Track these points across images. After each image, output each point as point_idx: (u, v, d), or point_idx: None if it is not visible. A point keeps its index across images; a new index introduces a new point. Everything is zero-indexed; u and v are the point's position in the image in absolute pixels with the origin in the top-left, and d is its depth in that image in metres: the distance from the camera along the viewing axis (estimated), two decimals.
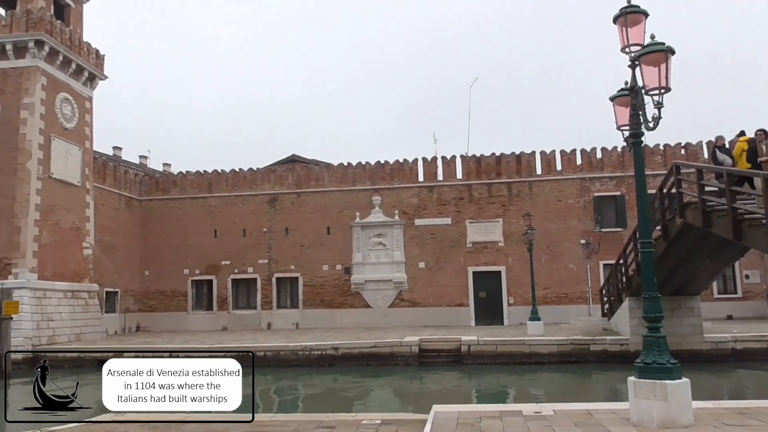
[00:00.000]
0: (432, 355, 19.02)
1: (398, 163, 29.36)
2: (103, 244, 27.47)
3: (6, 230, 22.38)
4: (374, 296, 28.40)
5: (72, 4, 26.33)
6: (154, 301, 30.35)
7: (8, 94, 23.26)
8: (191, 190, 31.00)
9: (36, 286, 22.31)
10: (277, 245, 29.64)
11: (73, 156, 25.09)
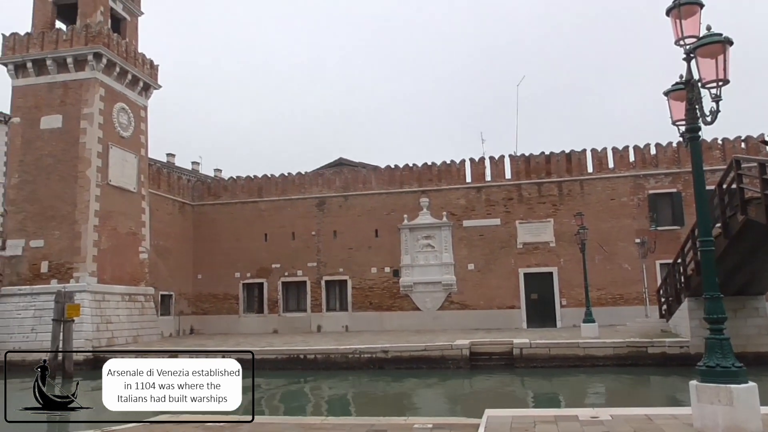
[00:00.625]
0: (483, 358, 18.74)
1: (445, 164, 29.17)
2: (158, 248, 28.24)
3: (68, 236, 23.26)
4: (423, 299, 28.27)
5: (128, 17, 27.22)
6: (207, 304, 31.02)
7: (69, 106, 24.20)
8: (242, 194, 31.57)
9: (96, 290, 23.10)
10: (326, 248, 29.86)
11: (129, 163, 25.90)
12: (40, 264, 23.28)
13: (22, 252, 23.52)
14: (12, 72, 24.78)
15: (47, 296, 21.33)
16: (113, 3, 26.16)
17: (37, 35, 24.78)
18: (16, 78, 24.83)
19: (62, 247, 23.23)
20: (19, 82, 24.81)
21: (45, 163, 23.91)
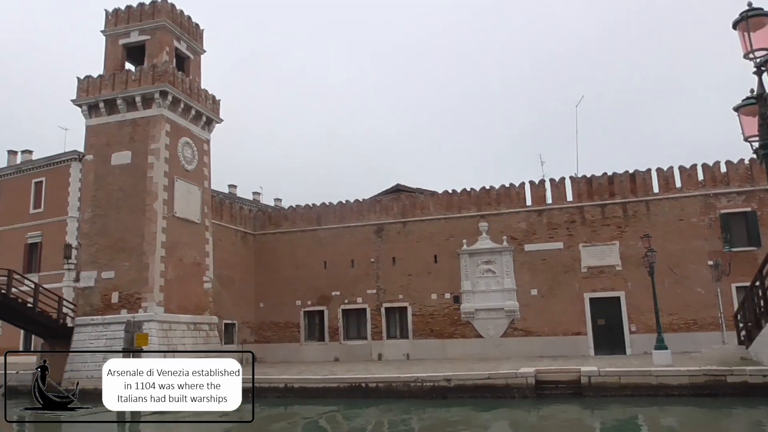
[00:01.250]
0: (550, 387, 18.12)
1: (504, 188, 28.77)
2: (222, 277, 28.87)
3: (136, 267, 24.09)
4: (485, 325, 27.72)
5: (191, 55, 28.36)
6: (269, 333, 31.37)
7: (137, 142, 25.27)
8: (301, 223, 32.01)
9: (163, 319, 23.74)
10: (385, 275, 29.80)
11: (193, 195, 26.72)
12: (111, 294, 24.16)
13: (95, 283, 24.49)
14: (86, 112, 26.13)
15: (118, 326, 22.03)
16: (178, 43, 27.34)
17: (108, 77, 26.09)
18: (89, 118, 26.15)
19: (131, 278, 24.05)
20: (92, 121, 26.11)
21: (115, 198, 24.95)
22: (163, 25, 26.36)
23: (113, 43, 27.03)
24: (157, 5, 26.58)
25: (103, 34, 27.20)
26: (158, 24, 26.35)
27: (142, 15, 26.68)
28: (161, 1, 26.63)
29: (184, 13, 27.69)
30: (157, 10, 26.51)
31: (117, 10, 27.00)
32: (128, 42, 26.83)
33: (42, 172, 33.18)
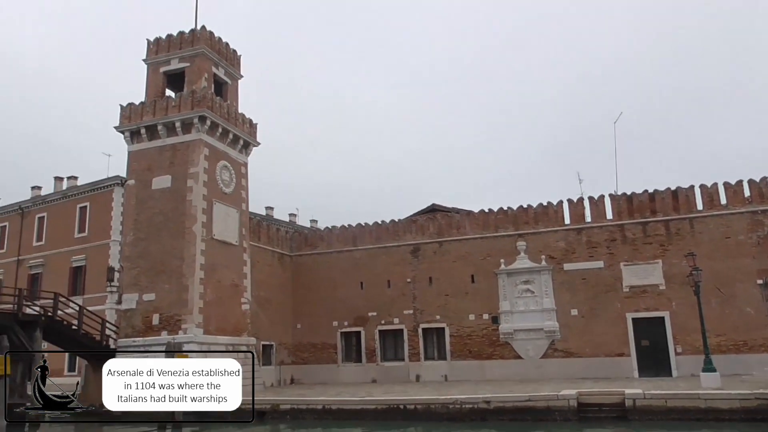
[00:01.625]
0: (593, 410, 17.61)
1: (542, 206, 28.39)
2: (259, 299, 29.07)
3: (176, 289, 24.45)
4: (525, 346, 27.20)
5: (229, 81, 28.96)
6: (306, 354, 31.38)
7: (177, 166, 25.81)
8: (337, 244, 32.11)
9: (202, 341, 23.97)
10: (422, 295, 29.60)
11: (231, 218, 27.08)
12: (152, 316, 24.54)
13: (136, 305, 24.92)
14: (128, 138, 26.85)
15: (159, 347, 22.35)
16: (216, 69, 27.96)
17: (149, 103, 26.80)
18: (131, 143, 26.85)
19: (171, 300, 24.40)
20: (134, 147, 26.80)
21: (156, 221, 25.46)
22: (201, 52, 27.03)
23: (154, 71, 27.81)
24: (196, 33, 27.30)
25: (144, 62, 28.02)
26: (197, 51, 27.03)
27: (182, 43, 27.42)
28: (200, 28, 27.34)
29: (222, 39, 28.36)
30: (196, 38, 27.22)
31: (158, 39, 27.83)
32: (168, 69, 27.58)
33: (86, 197, 34.15)
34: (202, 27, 27.40)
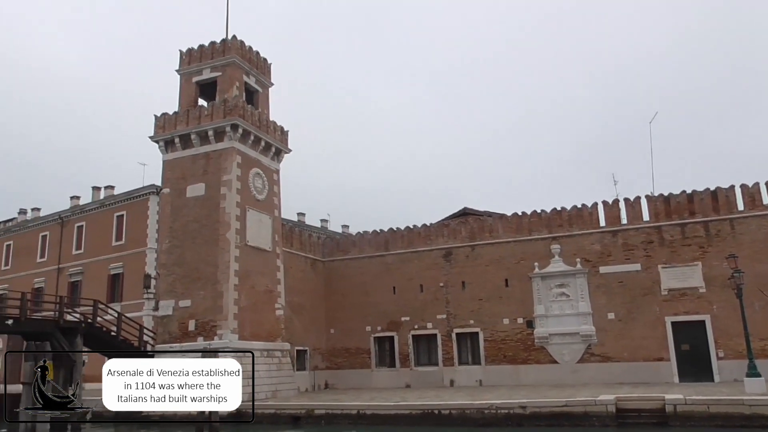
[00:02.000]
0: (632, 416, 17.27)
1: (576, 209, 27.97)
2: (293, 304, 29.25)
3: (211, 295, 24.77)
4: (560, 351, 26.80)
5: (259, 89, 29.30)
6: (340, 359, 31.45)
7: (210, 174, 26.18)
8: (369, 248, 32.14)
9: (237, 346, 24.18)
10: (455, 300, 29.42)
11: (264, 224, 27.35)
12: (188, 322, 24.89)
13: (173, 312, 25.32)
14: (162, 148, 27.35)
15: (195, 353, 22.61)
16: (247, 78, 28.31)
17: (182, 113, 27.27)
18: (166, 153, 27.34)
19: (207, 306, 24.72)
20: (169, 156, 27.29)
21: (191, 229, 25.85)
22: (233, 62, 27.41)
23: (187, 81, 28.30)
24: (227, 43, 27.70)
25: (178, 73, 28.53)
26: (228, 60, 27.42)
27: (214, 53, 27.85)
28: (231, 38, 27.74)
29: (252, 48, 28.72)
30: (227, 48, 27.62)
31: (190, 49, 28.32)
32: (201, 79, 28.03)
33: (123, 206, 34.83)
34: (233, 36, 27.80)
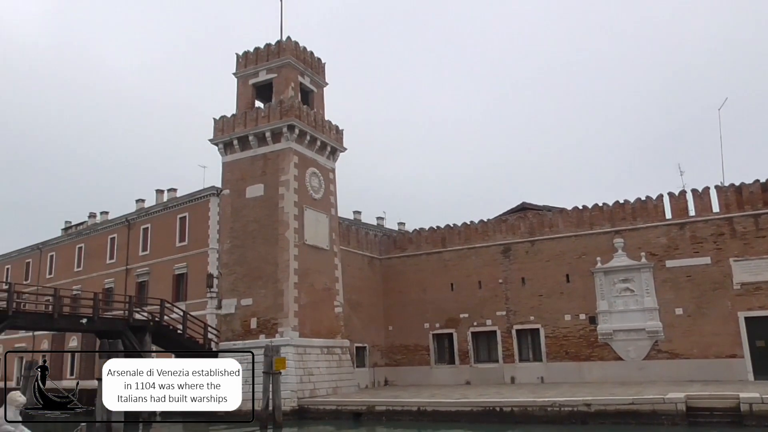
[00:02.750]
0: (703, 414, 16.59)
1: (640, 201, 27.03)
2: (351, 302, 29.46)
3: (272, 294, 25.22)
4: (625, 347, 26.00)
5: (314, 89, 29.63)
6: (399, 356, 31.49)
7: (269, 175, 26.66)
8: (426, 245, 32.04)
9: (298, 344, 24.58)
10: (514, 296, 28.98)
11: (321, 223, 27.65)
12: (250, 320, 25.43)
13: (235, 310, 25.93)
14: (222, 150, 28.03)
15: (257, 350, 23.06)
16: (302, 78, 28.67)
17: (240, 115, 27.87)
18: (225, 155, 28.01)
19: (268, 304, 25.19)
20: (228, 158, 27.94)
21: (251, 229, 26.39)
22: (288, 63, 27.80)
23: (244, 83, 28.90)
24: (281, 44, 28.13)
25: (234, 76, 29.17)
26: (284, 62, 27.83)
27: (269, 55, 28.33)
28: (285, 39, 28.15)
29: (306, 49, 29.07)
30: (281, 49, 28.04)
31: (246, 52, 28.90)
32: (257, 81, 28.56)
33: (185, 207, 35.78)
34: (288, 38, 28.19)
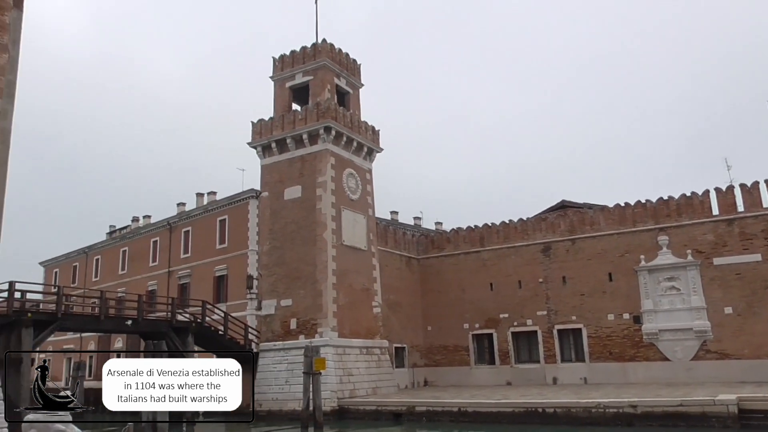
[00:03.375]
0: (756, 417, 16.00)
1: (685, 197, 26.28)
2: (389, 302, 29.41)
3: (311, 294, 25.37)
4: (672, 347, 25.29)
5: (350, 90, 29.71)
6: (439, 356, 31.30)
7: (306, 177, 26.83)
8: (464, 245, 31.78)
9: (337, 344, 24.65)
10: (555, 295, 28.51)
11: (359, 224, 27.68)
12: (289, 321, 25.63)
13: (275, 311, 26.16)
14: (260, 153, 28.33)
15: (297, 351, 23.26)
16: (338, 80, 28.78)
17: (278, 118, 28.12)
18: (263, 158, 28.31)
19: (307, 305, 25.34)
20: (266, 161, 28.23)
21: (289, 230, 26.60)
22: (324, 65, 27.94)
23: (281, 86, 29.16)
24: (317, 47, 28.28)
25: (271, 79, 29.46)
26: (319, 64, 27.98)
27: (305, 57, 28.52)
28: (321, 42, 28.30)
29: (342, 50, 29.17)
30: (317, 51, 28.20)
31: (283, 55, 29.16)
32: (294, 84, 28.79)
33: (225, 210, 36.29)
34: (323, 40, 28.33)
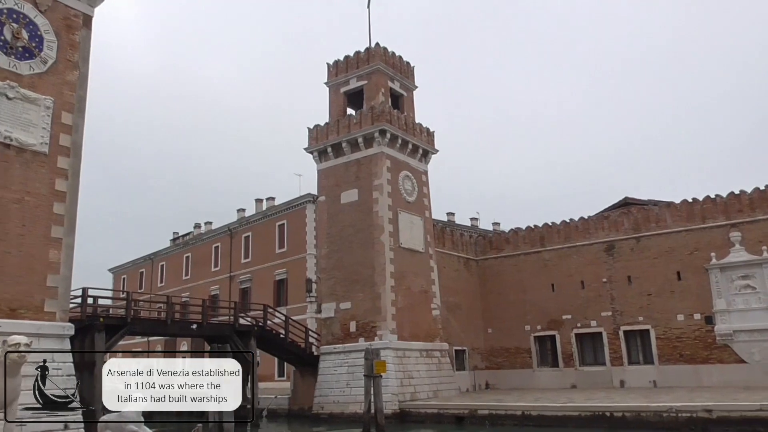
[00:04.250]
0: None
1: (758, 191, 25.01)
2: (448, 304, 29.17)
3: (369, 297, 25.42)
4: (749, 349, 24.08)
5: (404, 93, 29.66)
6: (500, 359, 30.83)
7: (362, 180, 26.95)
8: (524, 245, 31.23)
9: (397, 347, 24.60)
10: (620, 296, 27.62)
11: (416, 226, 27.58)
12: (349, 324, 25.76)
13: (334, 314, 26.35)
14: (316, 158, 28.65)
15: (357, 354, 23.32)
16: (392, 83, 28.79)
17: (333, 123, 28.37)
18: (320, 162, 28.60)
19: (366, 307, 25.41)
20: (322, 165, 28.51)
21: (347, 233, 26.76)
22: (377, 69, 28.01)
23: (335, 92, 29.41)
24: (371, 51, 28.38)
25: (326, 85, 29.74)
26: (373, 68, 28.06)
27: (359, 62, 28.67)
28: (374, 46, 28.38)
29: (395, 54, 29.16)
30: (371, 56, 28.29)
31: (337, 61, 29.41)
32: (348, 89, 28.98)
33: (283, 215, 37.02)
34: (376, 44, 28.41)
